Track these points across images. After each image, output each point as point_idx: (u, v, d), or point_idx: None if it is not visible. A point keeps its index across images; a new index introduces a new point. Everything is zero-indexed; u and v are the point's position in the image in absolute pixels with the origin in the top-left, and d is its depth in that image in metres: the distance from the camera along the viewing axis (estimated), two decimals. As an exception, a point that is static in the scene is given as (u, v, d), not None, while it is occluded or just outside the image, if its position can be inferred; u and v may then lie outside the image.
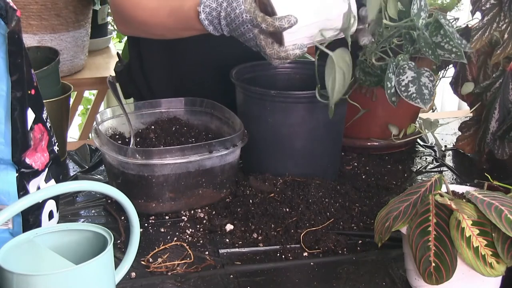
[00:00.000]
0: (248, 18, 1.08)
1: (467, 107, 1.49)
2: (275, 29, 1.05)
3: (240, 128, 1.22)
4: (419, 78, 1.15)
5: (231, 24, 1.11)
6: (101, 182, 1.01)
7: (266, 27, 1.06)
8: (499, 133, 1.31)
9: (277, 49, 1.08)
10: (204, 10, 1.13)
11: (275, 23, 1.05)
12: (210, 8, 1.13)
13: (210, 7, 1.13)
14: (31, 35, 2.12)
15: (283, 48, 1.08)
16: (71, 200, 1.25)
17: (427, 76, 1.16)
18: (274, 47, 1.08)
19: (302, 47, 1.08)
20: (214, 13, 1.12)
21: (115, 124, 1.32)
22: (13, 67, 0.91)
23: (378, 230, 0.98)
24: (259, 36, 1.09)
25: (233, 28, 1.11)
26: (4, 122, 0.92)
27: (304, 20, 1.07)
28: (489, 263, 0.89)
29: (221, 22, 1.12)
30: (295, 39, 1.08)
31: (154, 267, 1.05)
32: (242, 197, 1.20)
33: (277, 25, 1.05)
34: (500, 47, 1.30)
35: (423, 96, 1.15)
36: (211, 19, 1.13)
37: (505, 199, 0.92)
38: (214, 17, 1.13)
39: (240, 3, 1.09)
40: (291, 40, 1.08)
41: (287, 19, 1.04)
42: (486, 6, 1.29)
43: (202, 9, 1.13)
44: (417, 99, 1.15)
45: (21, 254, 0.85)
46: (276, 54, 1.08)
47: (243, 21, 1.09)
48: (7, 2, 0.90)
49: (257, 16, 1.07)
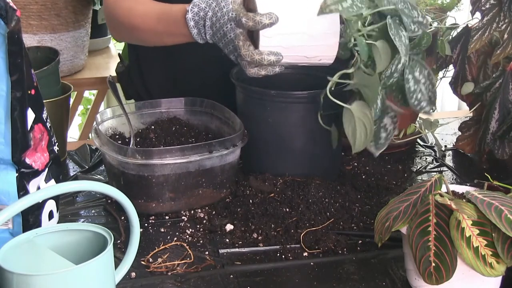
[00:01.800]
0: (232, 16, 1.09)
1: (467, 107, 1.48)
2: (255, 24, 1.05)
3: (240, 128, 1.22)
4: (381, 118, 1.14)
5: (216, 24, 1.12)
6: (101, 182, 1.01)
7: (246, 21, 1.05)
8: (499, 133, 1.31)
9: (252, 50, 1.08)
10: (192, 10, 1.14)
11: (256, 18, 1.05)
12: (198, 8, 1.14)
13: (199, 6, 1.14)
14: (31, 35, 2.12)
15: (258, 50, 1.08)
16: (71, 200, 1.25)
17: (391, 117, 1.15)
18: (249, 49, 1.08)
19: (278, 55, 1.07)
20: (201, 13, 1.13)
21: (115, 124, 1.32)
22: (13, 67, 0.91)
23: (378, 230, 0.98)
24: (239, 37, 1.09)
25: (217, 28, 1.12)
26: (4, 122, 0.92)
27: (283, 28, 1.06)
28: (489, 263, 0.89)
29: (206, 22, 1.13)
30: (271, 45, 1.07)
31: (154, 267, 1.05)
32: (242, 197, 1.20)
33: (258, 19, 1.04)
34: (500, 47, 1.30)
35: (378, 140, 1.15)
36: (198, 19, 1.14)
37: (505, 199, 0.92)
38: (201, 18, 1.13)
39: (228, 2, 1.10)
40: (267, 45, 1.07)
41: (268, 16, 1.04)
42: (486, 6, 1.29)
43: (191, 8, 1.14)
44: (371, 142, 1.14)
45: (21, 254, 0.85)
46: (250, 56, 1.08)
47: (228, 19, 1.10)
48: (7, 2, 0.90)
49: (240, 13, 1.07)
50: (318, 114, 1.20)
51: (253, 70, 1.10)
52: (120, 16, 1.32)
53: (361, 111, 1.10)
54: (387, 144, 1.16)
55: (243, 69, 1.12)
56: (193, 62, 1.44)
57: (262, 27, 1.05)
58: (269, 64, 1.08)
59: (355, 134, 1.11)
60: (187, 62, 1.45)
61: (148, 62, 1.54)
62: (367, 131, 1.10)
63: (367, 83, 1.09)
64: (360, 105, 1.11)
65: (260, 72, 1.10)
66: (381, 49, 1.08)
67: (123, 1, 1.32)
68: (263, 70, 1.10)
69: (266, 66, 1.09)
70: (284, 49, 1.08)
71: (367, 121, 1.10)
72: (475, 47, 1.30)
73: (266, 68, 1.10)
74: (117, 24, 1.34)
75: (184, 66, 1.47)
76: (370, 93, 1.10)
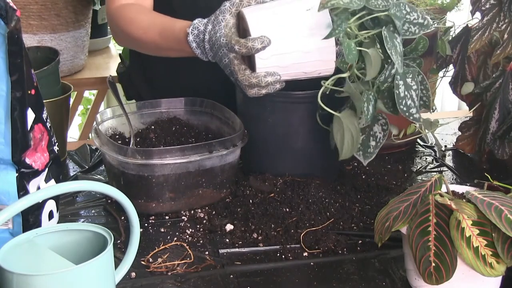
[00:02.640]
0: (224, 42, 1.09)
1: (467, 107, 1.48)
2: (248, 50, 1.05)
3: (240, 128, 1.22)
4: (371, 126, 1.14)
5: (213, 48, 1.12)
6: (101, 182, 1.01)
7: (239, 49, 1.06)
8: (499, 133, 1.31)
9: (249, 75, 1.08)
10: (192, 32, 1.14)
11: (247, 44, 1.05)
12: (198, 30, 1.14)
13: (198, 29, 1.14)
14: (31, 35, 2.12)
15: (254, 74, 1.08)
16: (71, 200, 1.25)
17: (381, 124, 1.15)
18: (245, 73, 1.08)
19: (275, 75, 1.08)
20: (201, 35, 1.13)
21: (115, 124, 1.32)
22: (13, 67, 0.91)
23: (378, 230, 0.98)
24: (233, 62, 1.09)
25: (214, 52, 1.12)
26: (4, 122, 0.92)
27: (278, 48, 1.06)
28: (489, 263, 0.89)
29: (206, 45, 1.13)
30: (267, 66, 1.07)
31: (154, 267, 1.05)
32: (242, 197, 1.20)
33: (250, 46, 1.05)
34: (500, 47, 1.30)
35: (367, 149, 1.15)
36: (199, 41, 1.14)
37: (505, 199, 0.92)
38: (201, 40, 1.14)
39: (221, 26, 1.10)
40: (263, 67, 1.07)
41: (260, 40, 1.04)
42: (486, 6, 1.29)
43: (191, 31, 1.14)
44: (359, 151, 1.15)
45: (21, 254, 0.85)
46: (247, 80, 1.08)
47: (220, 45, 1.10)
48: (7, 2, 0.90)
49: (231, 39, 1.07)
50: (317, 114, 1.20)
51: (253, 91, 1.10)
52: (122, 25, 1.32)
53: (349, 119, 1.11)
54: (376, 153, 1.15)
55: (244, 91, 1.12)
56: (194, 63, 1.44)
57: (255, 52, 1.05)
58: (266, 85, 1.08)
59: (343, 142, 1.12)
60: (188, 62, 1.45)
61: (150, 61, 1.54)
62: (354, 140, 1.11)
63: (352, 92, 1.10)
64: (348, 113, 1.12)
65: (260, 91, 1.11)
66: (373, 57, 1.08)
67: (125, 11, 1.32)
68: (263, 89, 1.10)
69: (265, 86, 1.09)
70: (281, 69, 1.08)
71: (354, 130, 1.11)
72: (475, 47, 1.30)
73: (266, 87, 1.10)
74: (118, 32, 1.35)
75: (186, 66, 1.47)
76: (358, 106, 1.11)
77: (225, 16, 1.10)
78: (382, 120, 1.15)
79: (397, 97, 1.09)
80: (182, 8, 1.39)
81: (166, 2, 1.41)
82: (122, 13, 1.32)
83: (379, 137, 1.15)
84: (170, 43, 1.22)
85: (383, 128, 1.15)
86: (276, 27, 1.07)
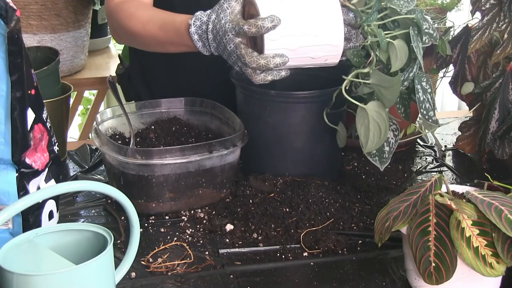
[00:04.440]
0: (230, 26, 1.08)
1: (467, 107, 1.48)
2: (258, 29, 1.04)
3: (240, 128, 1.22)
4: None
5: (216, 37, 1.11)
6: (101, 182, 1.01)
7: (249, 28, 1.04)
8: (499, 133, 1.31)
9: (257, 56, 1.07)
10: (195, 23, 1.13)
11: (257, 22, 1.04)
12: (200, 21, 1.12)
13: (201, 20, 1.12)
14: (31, 35, 2.12)
15: (263, 55, 1.07)
16: (71, 200, 1.25)
17: (392, 130, 1.16)
18: (253, 55, 1.07)
19: (283, 57, 1.06)
20: (204, 26, 1.12)
21: (115, 124, 1.32)
22: (13, 67, 0.91)
23: (378, 230, 0.98)
24: (239, 46, 1.08)
25: (218, 41, 1.11)
26: (4, 122, 0.92)
27: (287, 30, 1.06)
28: (489, 263, 0.89)
29: (209, 35, 1.12)
30: (276, 47, 1.06)
31: (154, 267, 1.05)
32: (242, 197, 1.20)
33: (260, 24, 1.03)
34: (500, 47, 1.30)
35: (382, 154, 1.16)
36: (201, 33, 1.13)
37: (505, 199, 0.92)
38: (204, 31, 1.12)
39: (227, 14, 1.09)
40: (272, 48, 1.06)
41: (270, 19, 1.03)
42: (486, 6, 1.29)
43: (193, 22, 1.13)
44: (375, 157, 1.15)
45: (21, 254, 0.85)
46: (255, 62, 1.06)
47: (225, 31, 1.08)
48: (7, 2, 0.90)
49: (239, 22, 1.06)
50: (324, 113, 1.20)
51: (259, 76, 1.09)
52: (122, 21, 1.31)
53: (377, 111, 1.11)
54: (390, 158, 1.17)
55: (249, 78, 1.11)
56: (194, 62, 1.44)
57: (265, 31, 1.04)
58: (275, 66, 1.07)
59: (368, 135, 1.11)
60: (188, 62, 1.45)
61: (150, 62, 1.54)
62: (381, 132, 1.11)
63: (387, 84, 1.09)
64: (375, 105, 1.11)
65: (266, 77, 1.09)
66: (399, 48, 1.08)
67: (125, 6, 1.32)
68: (269, 75, 1.09)
69: (272, 70, 1.08)
70: (289, 51, 1.07)
71: (382, 122, 1.11)
72: (475, 47, 1.30)
73: (272, 72, 1.09)
74: (118, 27, 1.34)
75: (185, 66, 1.47)
76: (389, 95, 1.10)
77: (231, 3, 1.09)
78: (393, 126, 1.16)
79: (418, 101, 1.12)
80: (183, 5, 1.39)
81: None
82: (122, 8, 1.32)
83: (392, 143, 1.17)
84: (171, 37, 1.21)
85: (394, 133, 1.17)
86: (285, 9, 1.06)
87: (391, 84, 1.08)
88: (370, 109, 1.11)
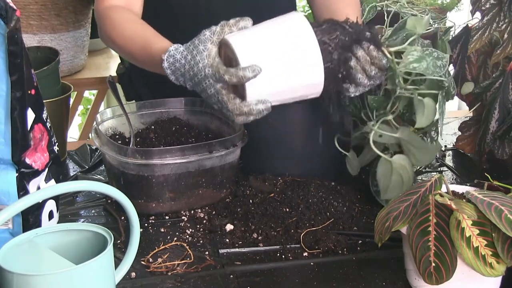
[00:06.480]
0: (210, 72, 1.04)
1: (467, 107, 1.48)
2: (239, 79, 1.01)
3: (240, 128, 1.22)
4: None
5: (193, 79, 1.07)
6: (101, 182, 1.01)
7: (230, 78, 1.01)
8: (499, 133, 1.31)
9: (239, 103, 1.04)
10: (168, 60, 1.09)
11: (238, 73, 1.00)
12: (174, 58, 1.09)
13: (174, 57, 1.09)
14: (31, 35, 2.12)
15: (245, 102, 1.04)
16: (71, 200, 1.25)
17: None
18: (236, 102, 1.04)
19: (266, 102, 1.04)
20: (177, 64, 1.09)
21: (115, 124, 1.32)
22: (13, 67, 0.91)
23: (378, 230, 0.98)
24: (221, 92, 1.04)
25: (195, 82, 1.07)
26: (4, 122, 0.92)
27: (269, 75, 1.03)
28: (489, 263, 0.89)
29: (185, 75, 1.08)
30: (258, 94, 1.04)
31: (154, 267, 1.05)
32: (242, 197, 1.20)
33: (241, 75, 1.00)
34: (500, 47, 1.30)
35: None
36: (174, 69, 1.09)
37: (505, 199, 0.92)
38: (177, 68, 1.09)
39: (203, 57, 1.05)
40: (254, 94, 1.04)
41: (251, 68, 1.00)
42: (486, 6, 1.29)
43: (166, 58, 1.10)
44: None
45: (21, 254, 0.85)
46: (238, 109, 1.04)
47: (205, 75, 1.05)
48: (7, 2, 0.90)
49: (219, 69, 1.03)
50: (335, 139, 1.22)
51: (241, 118, 1.06)
52: (106, 29, 1.30)
53: (402, 165, 1.13)
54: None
55: (231, 119, 1.08)
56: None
57: (246, 80, 1.01)
58: (258, 113, 1.05)
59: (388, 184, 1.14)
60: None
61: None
62: (403, 184, 1.14)
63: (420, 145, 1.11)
64: (401, 159, 1.14)
65: (248, 118, 1.07)
66: (427, 107, 1.10)
67: (112, 14, 1.31)
68: (252, 116, 1.06)
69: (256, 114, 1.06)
70: (271, 95, 1.05)
71: (406, 174, 1.13)
72: (475, 47, 1.30)
73: (256, 115, 1.06)
74: (103, 33, 1.33)
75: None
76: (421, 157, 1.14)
77: (206, 45, 1.05)
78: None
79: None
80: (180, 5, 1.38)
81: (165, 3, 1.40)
82: (108, 16, 1.30)
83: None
84: (146, 62, 1.20)
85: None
86: (265, 55, 1.03)
87: (424, 146, 1.10)
88: (395, 162, 1.13)
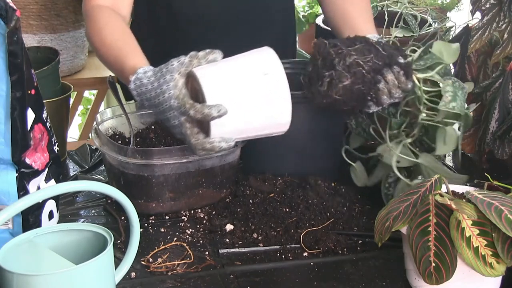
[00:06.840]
0: (176, 104, 1.02)
1: (467, 107, 1.48)
2: (203, 117, 0.99)
3: (240, 128, 1.22)
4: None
5: (158, 107, 1.04)
6: (101, 182, 1.01)
7: (194, 114, 0.99)
8: (499, 133, 1.31)
9: (203, 139, 1.02)
10: (135, 82, 1.08)
11: (204, 110, 0.98)
12: (140, 82, 1.07)
13: (141, 81, 1.07)
14: (31, 35, 2.12)
15: (209, 139, 1.02)
16: (71, 200, 1.25)
17: None
18: (199, 137, 1.02)
19: (229, 141, 1.02)
20: (143, 88, 1.07)
21: (115, 124, 1.32)
22: (13, 67, 0.91)
23: (378, 230, 0.98)
24: (185, 124, 1.02)
25: (160, 111, 1.05)
26: (4, 122, 0.92)
27: (234, 113, 1.00)
28: (489, 263, 0.89)
29: (151, 100, 1.06)
30: (222, 132, 1.02)
31: (154, 267, 1.05)
32: (242, 197, 1.20)
33: (206, 112, 0.98)
34: (500, 47, 1.30)
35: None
36: (140, 92, 1.07)
37: (505, 199, 0.92)
38: (143, 92, 1.07)
39: (170, 87, 1.02)
40: (218, 132, 1.01)
41: (216, 108, 0.98)
42: (486, 6, 1.29)
43: (133, 80, 1.08)
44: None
45: (21, 254, 0.85)
46: (201, 145, 1.02)
47: (170, 106, 1.02)
48: (7, 2, 0.90)
49: (185, 103, 1.00)
50: (343, 150, 1.23)
51: (203, 153, 1.05)
52: (90, 30, 1.28)
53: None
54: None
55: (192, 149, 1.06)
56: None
57: (211, 119, 0.99)
58: (220, 150, 1.03)
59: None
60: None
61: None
62: None
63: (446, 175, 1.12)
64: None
65: (210, 153, 1.05)
66: (449, 135, 1.12)
67: (97, 16, 1.28)
68: (213, 152, 1.04)
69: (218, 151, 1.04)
70: (235, 133, 1.03)
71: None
72: (475, 47, 1.30)
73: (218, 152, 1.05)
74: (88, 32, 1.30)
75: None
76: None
77: (173, 76, 1.02)
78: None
79: None
80: None
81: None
82: (93, 17, 1.28)
83: None
84: (118, 75, 1.19)
85: None
86: (231, 92, 1.01)
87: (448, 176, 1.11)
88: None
